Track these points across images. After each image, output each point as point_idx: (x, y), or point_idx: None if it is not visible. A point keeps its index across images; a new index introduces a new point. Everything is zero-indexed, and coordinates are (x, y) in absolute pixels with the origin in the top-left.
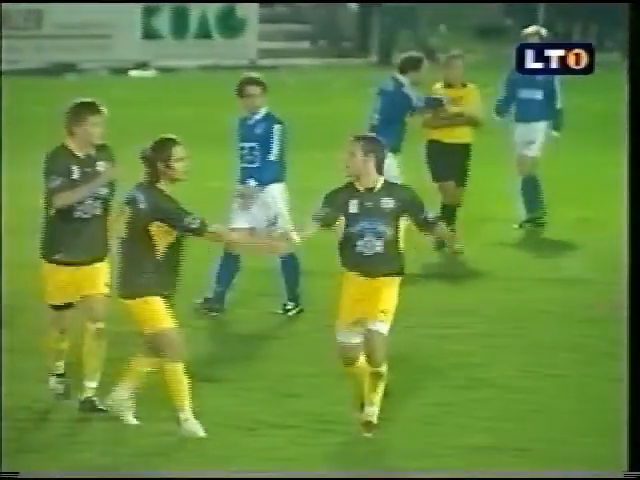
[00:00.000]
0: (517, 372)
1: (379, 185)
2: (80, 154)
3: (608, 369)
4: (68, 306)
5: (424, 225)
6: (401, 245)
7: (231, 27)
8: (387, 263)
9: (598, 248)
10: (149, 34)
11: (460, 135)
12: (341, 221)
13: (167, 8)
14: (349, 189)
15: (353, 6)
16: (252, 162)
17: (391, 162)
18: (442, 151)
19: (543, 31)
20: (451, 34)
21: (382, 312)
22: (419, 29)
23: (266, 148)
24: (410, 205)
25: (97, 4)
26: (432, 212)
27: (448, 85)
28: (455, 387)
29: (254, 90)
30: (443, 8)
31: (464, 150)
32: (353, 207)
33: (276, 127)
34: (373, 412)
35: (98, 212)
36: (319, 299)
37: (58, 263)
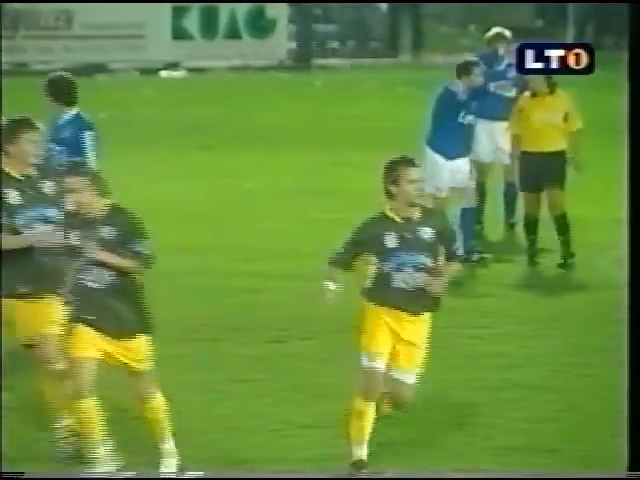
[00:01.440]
0: (548, 372)
1: (417, 214)
2: (17, 175)
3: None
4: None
5: (450, 258)
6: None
7: (261, 28)
8: (428, 297)
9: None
10: (179, 35)
11: (549, 144)
12: (367, 259)
13: (196, 9)
14: (382, 222)
15: (382, 6)
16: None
17: (444, 165)
18: (531, 161)
19: (507, 33)
20: (481, 34)
21: (417, 366)
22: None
23: (75, 155)
24: (444, 235)
25: (127, 4)
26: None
27: (534, 94)
28: (486, 387)
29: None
30: (473, 8)
31: (553, 158)
32: (390, 241)
33: (87, 134)
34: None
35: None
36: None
37: (20, 297)
